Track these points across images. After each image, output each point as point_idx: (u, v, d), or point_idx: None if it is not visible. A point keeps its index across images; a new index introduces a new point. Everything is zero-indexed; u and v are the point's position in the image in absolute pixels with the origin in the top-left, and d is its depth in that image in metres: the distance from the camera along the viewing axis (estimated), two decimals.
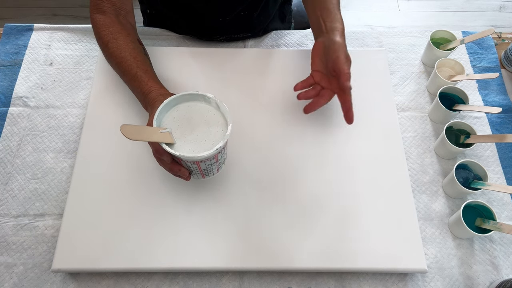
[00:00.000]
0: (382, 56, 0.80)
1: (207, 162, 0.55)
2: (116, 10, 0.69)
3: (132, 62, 0.64)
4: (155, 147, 0.56)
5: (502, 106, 0.78)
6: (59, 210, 0.67)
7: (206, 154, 0.51)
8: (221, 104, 0.55)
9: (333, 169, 0.68)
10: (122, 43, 0.65)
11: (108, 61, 0.69)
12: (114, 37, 0.66)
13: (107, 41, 0.66)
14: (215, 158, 0.55)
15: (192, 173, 0.59)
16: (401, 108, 0.78)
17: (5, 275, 0.62)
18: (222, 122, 0.56)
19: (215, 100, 0.55)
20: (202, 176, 0.60)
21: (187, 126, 0.55)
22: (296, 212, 0.64)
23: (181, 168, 0.57)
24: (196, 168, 0.56)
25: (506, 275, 0.63)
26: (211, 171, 0.59)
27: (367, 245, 0.62)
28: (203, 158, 0.53)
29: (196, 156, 0.51)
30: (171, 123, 0.55)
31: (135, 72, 0.63)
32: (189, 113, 0.56)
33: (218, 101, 0.55)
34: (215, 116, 0.56)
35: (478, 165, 0.66)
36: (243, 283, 0.62)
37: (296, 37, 0.86)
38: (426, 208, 0.68)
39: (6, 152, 0.72)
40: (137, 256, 0.60)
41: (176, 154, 0.51)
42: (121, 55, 0.65)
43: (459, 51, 0.85)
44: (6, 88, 0.78)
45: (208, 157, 0.53)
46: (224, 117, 0.56)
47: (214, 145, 0.52)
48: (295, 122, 0.72)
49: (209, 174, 0.60)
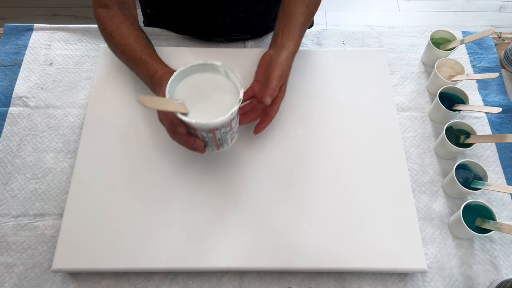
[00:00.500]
0: (382, 56, 0.80)
1: (222, 129, 0.55)
2: (119, 4, 0.70)
3: (137, 47, 0.66)
4: (169, 120, 0.56)
5: (502, 106, 0.78)
6: (59, 210, 0.67)
7: (221, 119, 0.51)
8: (230, 72, 0.55)
9: (333, 169, 0.68)
10: (126, 32, 0.68)
11: (113, 50, 0.71)
12: (117, 27, 0.68)
13: (111, 31, 0.68)
14: (229, 125, 0.55)
15: (207, 145, 0.59)
16: (401, 108, 0.78)
17: (5, 275, 0.62)
18: (232, 90, 0.56)
19: (224, 68, 0.56)
20: (217, 147, 0.60)
21: (198, 97, 0.55)
22: (296, 212, 0.64)
23: (196, 140, 0.57)
24: (211, 138, 0.56)
25: (506, 275, 0.63)
26: (225, 141, 0.59)
27: (367, 245, 0.62)
28: (219, 125, 0.52)
29: (211, 122, 0.51)
30: (182, 95, 0.55)
31: (140, 56, 0.65)
32: (199, 84, 0.57)
33: (227, 69, 0.56)
34: (225, 84, 0.56)
35: (478, 165, 0.66)
36: (243, 283, 0.62)
37: None
38: (426, 208, 0.68)
39: (6, 152, 0.72)
40: (137, 256, 0.60)
41: (193, 121, 0.51)
42: (125, 42, 0.67)
43: (459, 51, 0.85)
44: (6, 88, 0.78)
45: (223, 124, 0.53)
46: (235, 85, 0.56)
47: (227, 112, 0.52)
48: (295, 122, 0.72)
49: (223, 144, 0.60)
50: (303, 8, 0.68)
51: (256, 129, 0.65)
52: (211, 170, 0.67)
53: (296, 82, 0.76)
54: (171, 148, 0.68)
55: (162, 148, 0.69)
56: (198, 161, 0.68)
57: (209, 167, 0.67)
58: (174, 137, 0.59)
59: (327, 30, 0.87)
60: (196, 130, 0.55)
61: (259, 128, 0.65)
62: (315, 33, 0.87)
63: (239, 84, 0.54)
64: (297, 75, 0.76)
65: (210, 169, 0.67)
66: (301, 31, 0.68)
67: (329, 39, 0.86)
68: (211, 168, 0.67)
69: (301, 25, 0.68)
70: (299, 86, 0.76)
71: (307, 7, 0.69)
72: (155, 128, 0.71)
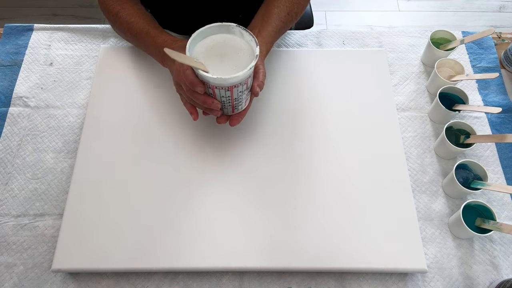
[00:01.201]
0: (382, 56, 0.80)
1: (239, 87, 0.57)
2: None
3: (143, 23, 0.68)
4: (189, 80, 0.56)
5: (502, 106, 0.78)
6: (59, 210, 0.67)
7: (240, 74, 0.54)
8: (245, 31, 0.58)
9: (333, 169, 0.68)
10: (131, 10, 0.71)
11: (119, 31, 0.74)
12: (122, 7, 0.71)
13: (116, 12, 0.70)
14: (246, 83, 0.58)
15: (223, 108, 0.61)
16: (401, 108, 0.78)
17: (5, 275, 0.62)
18: (247, 48, 0.59)
19: (239, 29, 0.58)
20: (232, 109, 0.63)
21: (216, 56, 0.58)
22: (296, 212, 0.64)
23: (214, 101, 0.58)
24: (228, 98, 0.59)
25: (506, 275, 0.63)
26: (240, 102, 0.62)
27: (367, 245, 0.62)
28: (238, 80, 0.55)
29: (231, 76, 0.53)
30: (200, 56, 0.58)
31: (147, 30, 0.67)
32: (215, 44, 0.59)
33: (241, 28, 0.58)
34: (240, 43, 0.59)
35: (478, 165, 0.66)
36: (243, 283, 0.62)
37: (296, 37, 0.86)
38: (426, 208, 0.68)
39: (6, 152, 0.72)
40: (137, 256, 0.60)
41: (214, 76, 0.53)
42: (131, 20, 0.69)
43: (459, 51, 0.85)
44: (6, 88, 0.78)
45: (242, 79, 0.55)
46: (249, 44, 0.58)
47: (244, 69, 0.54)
48: (295, 122, 0.72)
49: (237, 106, 0.63)
50: (284, 13, 0.69)
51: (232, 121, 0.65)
52: (211, 169, 0.67)
53: (296, 82, 0.76)
54: (171, 148, 0.69)
55: (162, 148, 0.69)
56: (198, 160, 0.68)
57: (210, 167, 0.67)
58: (192, 97, 0.59)
59: (327, 30, 0.87)
60: (215, 88, 0.56)
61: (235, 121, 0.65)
62: (315, 33, 0.87)
63: (254, 42, 0.57)
64: (297, 75, 0.76)
65: (210, 168, 0.67)
66: (276, 36, 0.69)
67: (329, 39, 0.86)
68: (211, 167, 0.67)
69: (276, 30, 0.68)
70: (299, 86, 0.76)
71: (287, 13, 0.70)
72: (155, 128, 0.71)
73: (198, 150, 0.69)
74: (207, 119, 0.71)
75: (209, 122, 0.71)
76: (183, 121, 0.71)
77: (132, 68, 0.77)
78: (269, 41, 0.67)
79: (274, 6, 0.69)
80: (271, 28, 0.67)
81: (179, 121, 0.71)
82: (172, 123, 0.71)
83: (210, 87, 0.57)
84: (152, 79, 0.76)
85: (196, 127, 0.71)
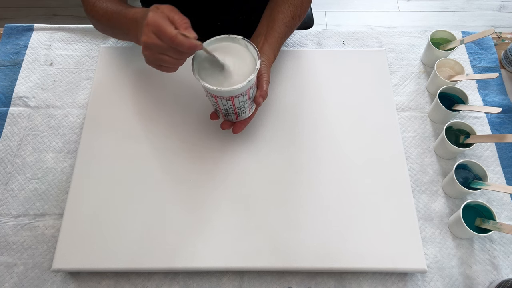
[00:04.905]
0: (382, 56, 0.80)
1: (240, 98, 0.58)
2: None
3: (117, 5, 0.65)
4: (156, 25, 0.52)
5: (501, 106, 0.78)
6: (59, 210, 0.67)
7: (240, 86, 0.55)
8: (249, 44, 0.59)
9: (333, 169, 0.68)
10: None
11: (96, 22, 0.70)
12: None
13: (93, 2, 0.67)
14: (247, 94, 0.59)
15: (226, 115, 0.63)
16: (401, 108, 0.78)
17: (5, 275, 0.62)
18: (251, 60, 0.59)
19: (244, 41, 0.59)
20: (236, 116, 0.64)
21: (218, 65, 0.58)
22: (296, 212, 0.64)
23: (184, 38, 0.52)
24: (230, 106, 0.60)
25: (506, 275, 0.63)
26: (243, 110, 0.63)
27: (367, 245, 0.62)
28: (237, 91, 0.56)
29: (231, 89, 0.55)
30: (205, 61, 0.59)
31: (119, 10, 0.64)
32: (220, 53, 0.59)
33: (246, 41, 0.59)
34: (245, 53, 0.60)
35: (478, 165, 0.66)
36: (243, 283, 0.62)
37: (296, 37, 0.86)
38: (426, 208, 0.68)
39: (7, 152, 0.72)
40: (137, 256, 0.60)
41: (214, 88, 0.55)
42: (106, 6, 0.66)
43: (459, 51, 0.85)
44: (6, 88, 0.78)
45: (242, 91, 0.57)
46: (253, 56, 0.59)
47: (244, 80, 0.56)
48: (295, 122, 0.72)
49: (241, 114, 0.64)
50: (288, 18, 0.69)
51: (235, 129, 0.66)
52: (211, 170, 0.67)
53: (296, 82, 0.76)
54: (171, 148, 0.69)
55: (162, 148, 0.69)
56: (198, 161, 0.68)
57: (209, 168, 0.67)
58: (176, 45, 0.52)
59: (327, 30, 0.87)
60: (217, 97, 0.58)
61: (238, 129, 0.66)
62: (315, 33, 0.87)
63: (256, 55, 0.58)
64: (297, 75, 0.76)
65: (210, 169, 0.67)
66: (281, 41, 0.69)
67: (329, 39, 0.86)
68: (211, 168, 0.67)
69: (282, 36, 0.69)
70: (299, 86, 0.76)
71: (292, 18, 0.70)
72: (155, 128, 0.71)
73: (199, 150, 0.69)
74: (208, 120, 0.71)
75: (210, 122, 0.71)
76: (183, 121, 0.71)
77: (132, 68, 0.77)
78: (276, 47, 0.68)
79: (279, 12, 0.69)
80: (277, 34, 0.68)
81: (179, 121, 0.71)
82: (173, 123, 0.71)
83: (212, 96, 0.58)
84: (152, 79, 0.76)
85: (197, 127, 0.71)
